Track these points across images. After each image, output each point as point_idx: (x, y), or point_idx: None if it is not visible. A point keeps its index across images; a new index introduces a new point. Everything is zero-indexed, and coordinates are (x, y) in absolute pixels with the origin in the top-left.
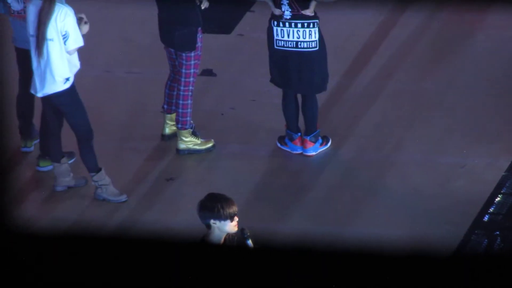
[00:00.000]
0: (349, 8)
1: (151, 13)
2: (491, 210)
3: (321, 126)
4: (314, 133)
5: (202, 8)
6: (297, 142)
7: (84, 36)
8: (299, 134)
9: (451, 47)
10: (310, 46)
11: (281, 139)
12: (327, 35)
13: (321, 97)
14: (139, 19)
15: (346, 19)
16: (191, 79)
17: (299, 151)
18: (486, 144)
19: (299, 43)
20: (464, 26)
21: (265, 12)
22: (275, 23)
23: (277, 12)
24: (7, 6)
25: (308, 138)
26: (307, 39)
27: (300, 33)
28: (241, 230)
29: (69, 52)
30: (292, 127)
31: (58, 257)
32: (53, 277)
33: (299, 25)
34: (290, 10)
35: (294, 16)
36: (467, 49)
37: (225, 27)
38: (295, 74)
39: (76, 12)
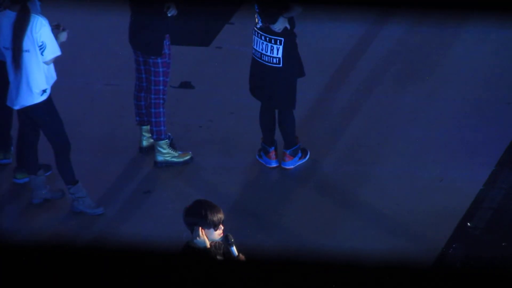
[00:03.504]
0: (329, 21)
1: None
2: (469, 224)
3: (300, 139)
4: (294, 148)
5: (169, 15)
6: (271, 155)
7: (62, 47)
8: (273, 148)
9: (430, 61)
10: (272, 62)
11: (259, 152)
12: (308, 48)
13: (300, 110)
14: (118, 31)
15: (326, 32)
16: (161, 87)
17: (273, 165)
18: (464, 158)
19: (262, 55)
20: (443, 40)
21: (244, 25)
22: (253, 31)
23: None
24: None
25: (288, 152)
26: (268, 53)
27: (263, 46)
28: (225, 236)
29: (46, 62)
30: (266, 140)
31: (35, 269)
32: None
33: (263, 38)
34: (260, 20)
35: (262, 28)
36: (446, 63)
37: (204, 40)
38: (260, 85)
39: (54, 20)
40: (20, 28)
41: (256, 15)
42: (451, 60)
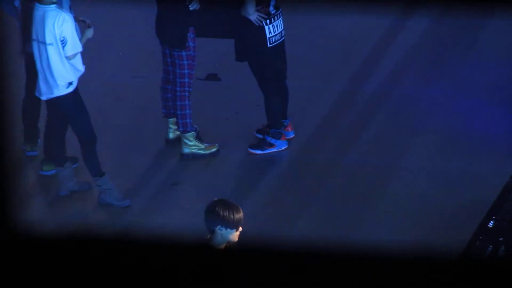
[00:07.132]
0: (356, 13)
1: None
2: (496, 216)
3: (328, 131)
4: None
5: (191, 9)
6: (288, 128)
7: (89, 40)
8: (288, 120)
9: (456, 52)
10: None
11: (259, 145)
12: (335, 39)
13: (326, 102)
14: (145, 23)
15: (353, 24)
16: (186, 79)
17: (291, 136)
18: (491, 150)
19: (282, 33)
20: (469, 31)
21: None
22: (268, 21)
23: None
24: (16, 9)
25: (289, 121)
26: (283, 27)
27: (282, 23)
28: None
29: (68, 58)
30: (280, 121)
31: (62, 262)
32: (57, 281)
33: (280, 17)
34: (273, 4)
35: (274, 9)
36: (473, 54)
37: (230, 32)
38: (284, 65)
39: (80, 15)
40: (41, 21)
41: (270, 6)
42: (478, 51)
